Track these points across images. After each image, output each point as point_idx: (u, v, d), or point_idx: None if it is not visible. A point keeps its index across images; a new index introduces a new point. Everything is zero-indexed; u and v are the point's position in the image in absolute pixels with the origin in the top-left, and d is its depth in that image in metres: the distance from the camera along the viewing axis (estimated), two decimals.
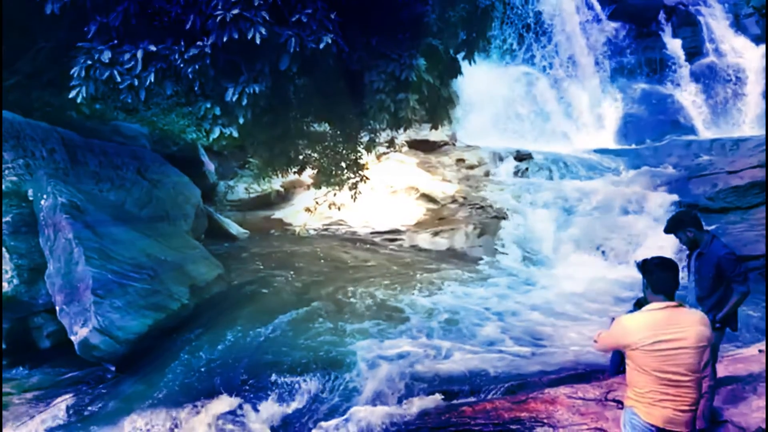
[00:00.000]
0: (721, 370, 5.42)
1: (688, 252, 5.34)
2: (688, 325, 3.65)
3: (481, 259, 12.13)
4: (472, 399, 6.21)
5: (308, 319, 8.38)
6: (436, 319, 8.56)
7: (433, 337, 7.92)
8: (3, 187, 7.55)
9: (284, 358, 7.15)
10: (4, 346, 7.51)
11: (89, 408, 6.55)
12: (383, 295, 9.48)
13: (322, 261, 11.40)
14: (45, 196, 7.62)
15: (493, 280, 10.69)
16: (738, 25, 22.61)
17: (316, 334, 7.90)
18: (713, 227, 10.75)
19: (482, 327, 8.32)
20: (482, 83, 19.54)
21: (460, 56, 9.66)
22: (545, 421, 5.48)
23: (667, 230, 5.33)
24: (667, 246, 10.13)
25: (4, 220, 7.41)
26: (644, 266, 3.96)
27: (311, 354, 7.25)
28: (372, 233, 13.69)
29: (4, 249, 7.32)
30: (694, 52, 22.02)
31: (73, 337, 6.94)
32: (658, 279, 3.78)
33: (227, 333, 7.79)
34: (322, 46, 6.98)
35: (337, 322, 8.31)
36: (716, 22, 22.61)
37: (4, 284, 7.24)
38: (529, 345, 7.75)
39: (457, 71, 9.67)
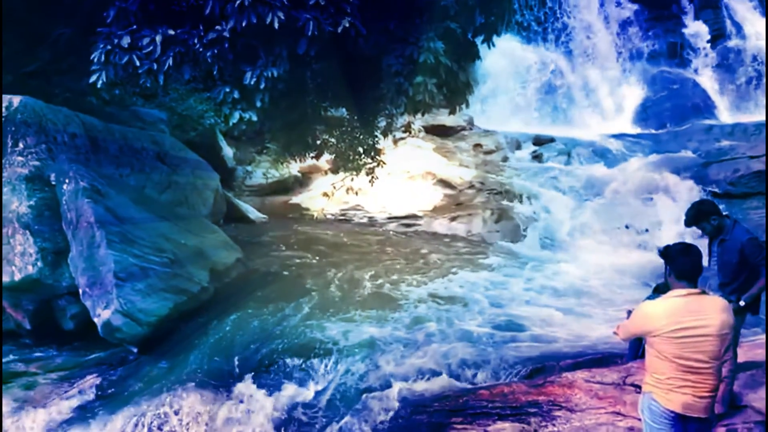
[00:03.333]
0: (742, 356, 5.37)
1: (708, 239, 5.27)
2: (711, 312, 3.61)
3: (498, 244, 12.11)
4: (489, 382, 6.23)
5: (326, 304, 8.44)
6: (451, 304, 8.58)
7: (446, 321, 7.93)
8: (26, 171, 7.66)
9: (303, 341, 7.21)
10: (29, 327, 7.68)
11: (112, 388, 6.66)
12: (400, 281, 9.50)
13: (340, 246, 11.44)
14: (67, 181, 7.70)
15: (510, 265, 10.67)
16: (763, 7, 22.12)
17: (333, 318, 7.95)
18: (742, 216, 10.63)
19: (497, 312, 8.33)
20: (500, 67, 19.41)
21: (478, 40, 9.58)
22: (563, 404, 5.49)
23: (689, 223, 5.16)
24: (688, 231, 10.03)
25: (27, 203, 7.52)
26: (667, 252, 3.91)
27: (328, 337, 7.31)
28: (389, 218, 13.72)
29: (28, 232, 7.44)
30: (716, 35, 21.59)
31: (96, 319, 7.04)
32: (681, 265, 3.74)
33: (247, 316, 7.87)
34: (339, 29, 6.98)
35: (354, 307, 8.35)
36: (739, 4, 22.15)
37: (29, 267, 7.37)
38: (545, 330, 7.75)
39: (475, 55, 9.60)
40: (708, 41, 21.47)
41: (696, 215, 5.11)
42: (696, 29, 21.71)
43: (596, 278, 10.18)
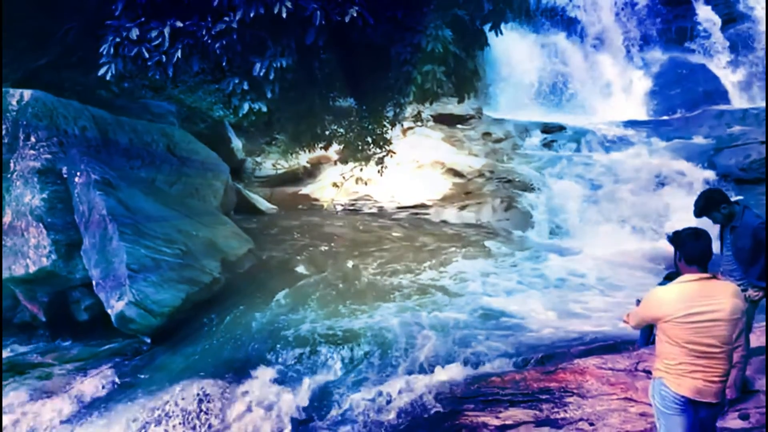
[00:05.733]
0: (754, 341, 5.36)
1: (720, 227, 5.23)
2: (722, 297, 3.60)
3: (507, 232, 12.10)
4: (501, 369, 6.24)
5: (335, 294, 8.48)
6: (456, 295, 8.59)
7: (458, 311, 7.94)
8: (38, 164, 7.75)
9: (312, 331, 7.25)
10: (44, 319, 7.78)
11: (127, 379, 6.74)
12: (410, 270, 9.52)
13: (349, 236, 11.47)
14: (78, 174, 7.77)
15: (518, 254, 10.64)
16: None
17: (342, 308, 7.99)
18: (754, 202, 10.54)
19: (502, 302, 8.33)
20: (508, 55, 19.30)
21: (486, 27, 9.53)
22: (575, 391, 5.51)
23: (699, 213, 5.09)
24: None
25: (40, 197, 7.61)
26: (676, 238, 3.89)
27: (341, 327, 7.35)
28: (398, 208, 13.72)
29: (41, 225, 7.52)
30: (727, 19, 21.35)
31: (109, 311, 7.13)
32: (691, 250, 3.72)
33: (259, 306, 7.93)
34: (347, 19, 6.96)
35: (363, 297, 8.38)
36: None
37: (43, 259, 7.45)
38: (558, 317, 7.76)
39: (483, 43, 9.56)
40: (719, 26, 21.21)
41: (705, 205, 5.06)
42: (706, 14, 21.46)
43: (604, 265, 10.15)
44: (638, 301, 4.03)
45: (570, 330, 7.20)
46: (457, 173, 14.84)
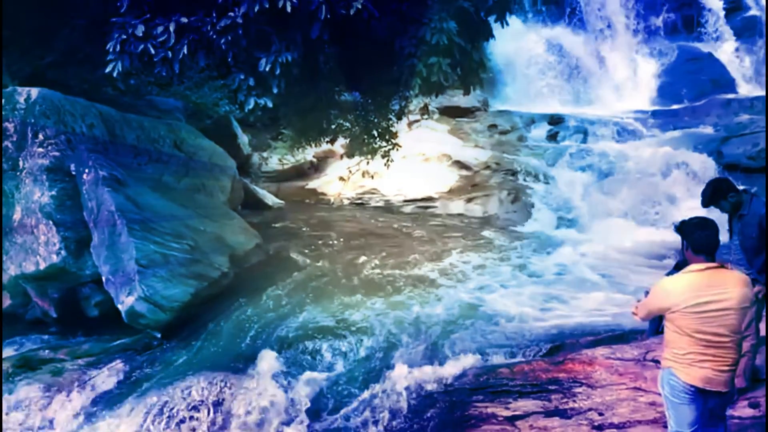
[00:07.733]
0: (764, 329, 5.35)
1: (728, 216, 5.21)
2: (730, 286, 3.60)
3: (515, 224, 12.09)
4: (509, 360, 6.26)
5: (342, 288, 8.51)
6: (464, 287, 8.60)
7: (463, 305, 7.95)
8: (47, 162, 7.79)
9: (324, 324, 7.29)
10: (55, 315, 7.85)
11: (137, 373, 6.79)
12: (415, 263, 9.53)
13: (356, 230, 11.49)
14: (87, 171, 7.81)
15: (524, 246, 10.63)
16: None
17: (349, 301, 8.02)
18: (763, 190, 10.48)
19: (508, 293, 8.34)
20: (514, 46, 19.21)
21: (491, 18, 9.49)
22: (583, 381, 5.52)
23: (706, 203, 5.07)
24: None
25: (49, 194, 7.66)
26: (682, 227, 3.89)
27: (347, 320, 7.37)
28: (405, 201, 13.74)
29: (51, 222, 7.58)
30: (734, 6, 21.15)
31: (119, 306, 7.17)
32: (698, 239, 3.72)
33: (266, 300, 7.97)
34: (352, 12, 6.95)
35: (370, 290, 8.39)
36: None
37: (53, 256, 7.51)
38: (561, 309, 7.76)
39: (488, 34, 9.51)
40: (725, 13, 21.03)
41: (713, 194, 5.03)
42: (712, 2, 21.28)
43: (612, 258, 10.13)
44: (647, 292, 4.03)
45: (575, 322, 7.20)
46: (463, 166, 14.82)
